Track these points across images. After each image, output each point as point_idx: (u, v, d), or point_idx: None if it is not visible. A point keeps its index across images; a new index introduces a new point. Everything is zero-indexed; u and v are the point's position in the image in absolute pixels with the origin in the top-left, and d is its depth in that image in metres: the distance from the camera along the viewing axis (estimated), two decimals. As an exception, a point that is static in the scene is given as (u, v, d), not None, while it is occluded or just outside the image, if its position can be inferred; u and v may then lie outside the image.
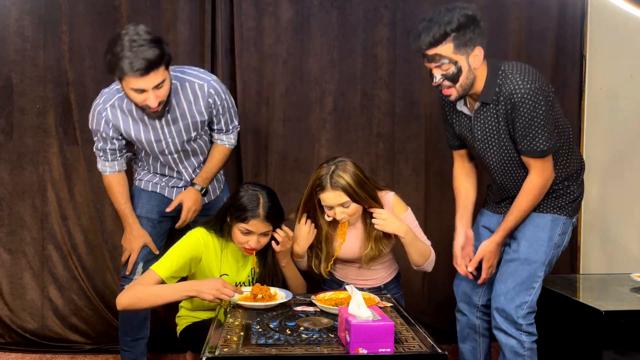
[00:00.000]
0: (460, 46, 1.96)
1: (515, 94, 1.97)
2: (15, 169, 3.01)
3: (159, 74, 2.13)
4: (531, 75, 1.99)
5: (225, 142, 2.57)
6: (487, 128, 2.10)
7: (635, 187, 2.79)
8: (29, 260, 3.04)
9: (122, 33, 2.11)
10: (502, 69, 2.03)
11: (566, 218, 2.17)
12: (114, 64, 2.10)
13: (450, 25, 1.94)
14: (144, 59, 2.06)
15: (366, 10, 3.09)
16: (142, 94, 2.14)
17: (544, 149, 2.01)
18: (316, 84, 3.10)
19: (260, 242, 2.13)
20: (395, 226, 2.19)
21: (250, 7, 3.02)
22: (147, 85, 2.12)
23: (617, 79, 2.94)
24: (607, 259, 3.02)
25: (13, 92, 2.97)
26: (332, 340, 1.66)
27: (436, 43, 1.96)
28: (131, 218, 2.48)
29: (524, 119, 1.98)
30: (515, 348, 2.08)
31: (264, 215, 2.08)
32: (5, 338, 3.04)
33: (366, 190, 2.17)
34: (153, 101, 2.15)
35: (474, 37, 1.97)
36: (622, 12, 2.82)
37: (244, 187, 2.18)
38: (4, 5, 2.94)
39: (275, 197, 2.17)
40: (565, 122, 2.16)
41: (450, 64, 1.98)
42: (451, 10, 1.96)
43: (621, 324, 2.07)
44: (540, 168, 2.05)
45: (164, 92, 2.19)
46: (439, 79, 2.02)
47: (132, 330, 2.59)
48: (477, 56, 1.99)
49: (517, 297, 2.08)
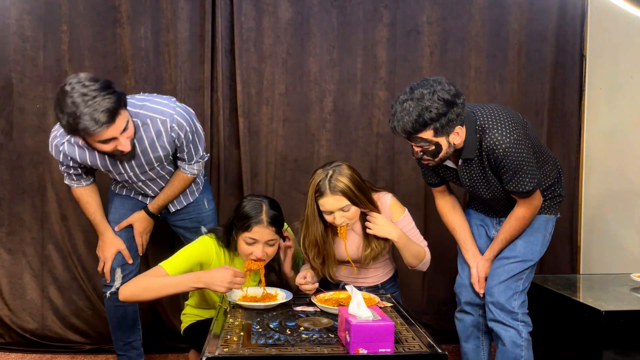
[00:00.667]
0: (440, 131, 1.96)
1: (497, 149, 2.01)
2: (15, 169, 3.01)
3: (123, 118, 2.07)
4: (507, 126, 2.02)
5: (186, 171, 2.47)
6: (474, 177, 2.16)
7: (635, 187, 2.78)
8: (29, 260, 3.04)
9: (67, 90, 1.99)
10: (478, 123, 2.05)
11: (554, 216, 2.30)
12: (74, 125, 1.99)
13: (429, 114, 1.91)
14: (104, 111, 1.98)
15: (366, 10, 3.09)
16: (110, 142, 2.09)
17: (530, 189, 2.08)
18: (316, 84, 3.09)
19: (266, 252, 2.11)
20: (387, 230, 2.19)
21: (250, 7, 3.02)
22: (116, 132, 2.06)
23: (617, 79, 2.94)
24: (607, 259, 3.02)
25: (13, 92, 2.97)
26: (332, 340, 1.66)
27: (416, 132, 1.96)
28: (102, 226, 2.47)
29: (508, 167, 2.04)
30: (514, 338, 2.15)
31: (267, 221, 2.08)
32: (5, 338, 3.04)
33: (364, 193, 2.17)
34: (125, 144, 2.10)
35: (453, 119, 1.95)
36: (622, 12, 2.82)
37: (246, 198, 2.20)
38: (4, 5, 2.93)
39: (278, 205, 2.18)
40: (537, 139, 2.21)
41: (430, 144, 2.01)
42: (431, 94, 1.92)
43: (621, 324, 2.07)
44: (529, 202, 2.15)
45: (132, 130, 2.14)
46: (419, 155, 2.06)
47: (122, 335, 2.58)
48: (457, 134, 2.00)
49: (509, 289, 2.18)
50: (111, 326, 2.58)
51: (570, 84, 3.21)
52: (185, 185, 2.52)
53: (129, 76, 2.98)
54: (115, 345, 2.61)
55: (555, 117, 3.21)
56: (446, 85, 1.95)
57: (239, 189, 3.09)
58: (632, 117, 2.83)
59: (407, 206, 2.36)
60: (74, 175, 2.39)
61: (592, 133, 3.16)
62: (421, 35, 3.11)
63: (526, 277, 2.21)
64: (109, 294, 2.49)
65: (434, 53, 3.13)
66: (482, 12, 3.13)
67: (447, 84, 1.95)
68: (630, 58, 2.85)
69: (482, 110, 2.08)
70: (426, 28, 3.11)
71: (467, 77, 3.15)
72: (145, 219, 2.52)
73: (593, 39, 3.15)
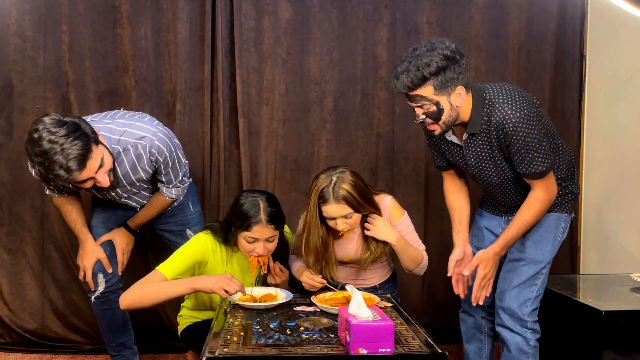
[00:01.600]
0: (440, 88, 1.93)
1: (507, 124, 1.94)
2: (15, 169, 3.01)
3: (96, 156, 2.05)
4: (518, 101, 1.96)
5: (165, 194, 2.47)
6: (480, 155, 2.07)
7: (635, 187, 2.78)
8: (29, 260, 3.04)
9: (34, 138, 1.95)
10: (487, 98, 1.99)
11: (566, 215, 2.20)
12: (45, 175, 1.99)
13: (428, 68, 1.89)
14: (73, 158, 1.96)
15: (366, 10, 3.09)
16: (87, 182, 2.08)
17: (543, 169, 1.99)
18: (316, 84, 3.09)
19: (267, 248, 2.12)
20: (385, 233, 2.19)
21: (250, 7, 3.02)
22: (90, 173, 2.04)
23: (617, 79, 2.94)
24: (607, 259, 3.02)
25: (13, 92, 2.97)
26: (332, 340, 1.66)
27: (415, 87, 1.93)
28: (82, 235, 2.46)
29: (519, 145, 1.96)
30: (521, 345, 2.10)
31: (266, 220, 2.07)
32: (5, 338, 3.04)
33: (367, 199, 2.17)
34: (104, 180, 2.09)
35: (454, 77, 1.92)
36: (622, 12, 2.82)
37: (242, 194, 2.18)
38: (4, 5, 2.94)
39: (276, 200, 2.16)
40: (552, 126, 2.15)
41: (431, 104, 1.96)
42: (430, 51, 1.91)
43: (621, 324, 2.07)
44: (545, 185, 2.04)
45: (109, 163, 2.12)
46: (421, 117, 2.01)
47: (114, 336, 2.57)
48: (459, 95, 1.96)
49: (521, 295, 2.10)
50: (102, 329, 2.57)
51: (570, 84, 3.20)
52: (164, 207, 2.52)
53: (129, 76, 2.98)
54: (108, 347, 2.60)
55: (555, 117, 3.21)
56: (447, 43, 1.93)
57: (239, 189, 3.09)
58: (632, 117, 2.83)
59: (406, 206, 2.36)
60: (54, 188, 2.39)
61: (592, 133, 3.16)
62: (421, 35, 3.11)
63: (541, 283, 2.13)
64: (94, 299, 2.48)
65: (434, 53, 3.13)
66: (482, 12, 3.13)
67: (448, 42, 1.94)
68: (630, 58, 2.85)
69: (492, 87, 2.03)
70: (426, 28, 3.11)
71: (467, 77, 3.15)
72: (125, 234, 2.53)
73: (593, 39, 3.15)
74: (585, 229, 3.20)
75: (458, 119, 2.02)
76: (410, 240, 2.27)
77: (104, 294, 2.46)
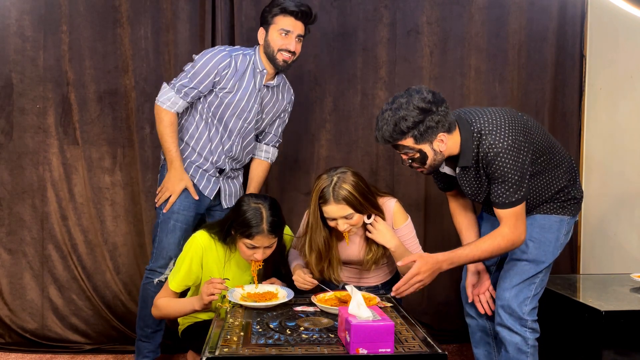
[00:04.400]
0: (420, 138, 1.96)
1: (489, 152, 1.97)
2: (15, 169, 3.01)
3: (304, 28, 2.51)
4: (504, 130, 1.98)
5: (269, 157, 2.78)
6: (473, 186, 2.11)
7: (635, 187, 2.78)
8: (29, 260, 3.04)
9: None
10: (475, 130, 2.01)
11: (570, 217, 2.20)
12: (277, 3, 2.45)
13: (405, 122, 1.92)
14: (306, 6, 2.48)
15: (366, 10, 3.09)
16: (287, 36, 2.45)
17: (512, 200, 1.99)
18: (316, 84, 3.09)
19: (265, 253, 2.15)
20: (386, 238, 2.20)
21: (250, 7, 3.01)
22: (296, 29, 2.47)
23: (617, 79, 2.94)
24: (607, 259, 3.02)
25: (13, 92, 2.97)
26: (332, 340, 1.67)
27: (395, 140, 1.98)
28: (178, 162, 2.52)
29: (495, 173, 1.98)
30: (520, 345, 2.09)
31: (268, 230, 2.09)
32: (5, 338, 3.04)
33: (368, 200, 2.17)
34: (293, 46, 2.47)
35: (432, 126, 1.94)
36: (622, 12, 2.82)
37: (245, 200, 2.18)
38: (4, 5, 2.93)
39: (278, 207, 2.18)
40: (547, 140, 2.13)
41: (414, 152, 2.00)
42: (407, 104, 1.93)
43: (621, 324, 2.07)
44: (513, 224, 2.01)
45: (299, 48, 2.51)
46: (408, 162, 2.06)
47: (154, 322, 2.60)
48: (441, 141, 1.98)
49: (521, 293, 2.10)
50: (143, 314, 2.60)
51: (570, 84, 3.20)
52: (266, 176, 2.82)
53: (129, 76, 2.98)
54: (141, 332, 2.63)
55: (555, 117, 3.21)
56: (424, 93, 1.95)
57: (239, 189, 3.09)
58: (631, 117, 2.83)
59: (406, 207, 2.36)
60: (191, 90, 2.49)
61: (592, 133, 3.16)
62: (421, 36, 3.11)
63: (539, 281, 2.13)
64: (157, 282, 2.52)
65: (434, 53, 3.13)
66: (482, 12, 3.13)
67: (426, 92, 1.95)
68: (630, 58, 2.85)
69: (481, 116, 2.04)
70: (426, 28, 3.11)
71: (467, 77, 3.15)
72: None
73: (593, 39, 3.15)
74: (585, 229, 3.20)
75: (446, 156, 2.06)
76: (410, 245, 2.27)
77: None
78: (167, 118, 2.49)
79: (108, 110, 3.00)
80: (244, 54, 2.54)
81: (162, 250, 2.53)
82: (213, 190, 2.60)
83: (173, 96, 2.49)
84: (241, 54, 2.53)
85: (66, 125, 3.01)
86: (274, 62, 2.50)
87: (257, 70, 2.53)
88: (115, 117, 3.00)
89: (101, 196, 3.02)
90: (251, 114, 2.56)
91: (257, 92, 2.54)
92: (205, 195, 2.59)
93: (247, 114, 2.55)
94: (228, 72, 2.48)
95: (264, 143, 2.76)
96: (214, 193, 2.60)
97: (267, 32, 2.49)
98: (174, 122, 2.51)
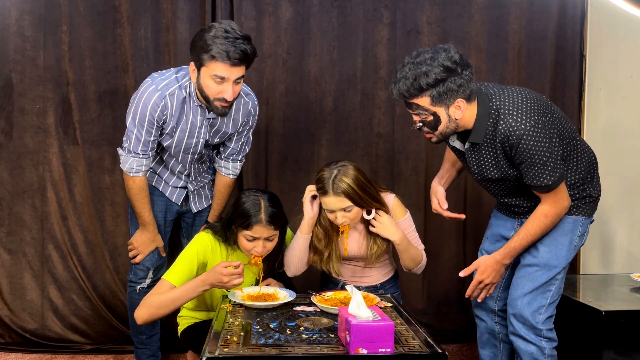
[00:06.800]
0: (437, 99, 1.86)
1: (512, 135, 1.87)
2: (15, 169, 3.01)
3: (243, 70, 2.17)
4: (525, 111, 1.88)
5: (229, 172, 2.55)
6: (483, 163, 2.00)
7: (635, 187, 2.79)
8: (29, 260, 3.04)
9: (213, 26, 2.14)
10: (494, 107, 1.91)
11: (585, 218, 2.10)
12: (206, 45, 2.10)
13: (426, 78, 1.82)
14: (242, 50, 2.10)
15: (366, 10, 3.09)
16: (222, 83, 2.14)
17: (549, 183, 1.90)
18: (316, 84, 3.09)
19: (266, 247, 2.13)
20: (390, 232, 2.19)
21: (250, 7, 3.02)
22: (242, 71, 2.16)
23: (617, 79, 2.94)
24: (607, 259, 3.02)
25: (13, 92, 2.97)
26: (332, 340, 1.67)
27: (411, 96, 1.87)
28: (152, 226, 2.48)
29: (524, 157, 1.88)
30: (535, 355, 2.03)
31: (266, 220, 2.08)
32: (5, 338, 3.04)
33: (369, 194, 2.17)
34: (230, 94, 2.17)
35: (453, 89, 1.84)
36: (622, 12, 2.82)
37: (244, 193, 2.18)
38: (4, 5, 2.93)
39: (277, 200, 2.17)
40: (568, 126, 2.04)
41: (428, 114, 1.90)
42: (432, 60, 1.83)
43: (621, 324, 2.07)
44: (553, 200, 1.95)
45: (239, 89, 2.22)
46: (418, 125, 1.96)
47: (146, 328, 2.59)
48: (458, 107, 1.89)
49: (534, 302, 2.03)
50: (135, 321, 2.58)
51: (570, 84, 3.20)
52: (229, 192, 2.58)
53: (129, 76, 2.98)
54: (137, 340, 2.63)
55: (555, 117, 3.21)
56: (452, 52, 1.84)
57: (239, 189, 3.09)
58: (631, 117, 2.84)
59: (407, 206, 2.36)
60: (150, 143, 2.32)
61: (592, 133, 3.16)
62: (421, 35, 3.11)
63: (555, 288, 2.04)
64: (139, 289, 2.52)
65: (434, 53, 3.13)
66: (482, 12, 3.13)
67: (453, 52, 1.85)
68: (630, 58, 2.85)
69: (500, 93, 1.93)
70: (426, 28, 3.11)
71: (467, 77, 3.15)
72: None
73: (593, 39, 3.15)
74: (585, 229, 3.20)
75: (459, 128, 1.96)
76: (411, 239, 2.27)
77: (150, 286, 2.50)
78: (136, 185, 2.38)
79: (108, 110, 3.00)
80: (180, 87, 2.28)
81: (140, 263, 2.53)
82: (180, 196, 2.57)
83: (135, 161, 2.34)
84: (176, 90, 2.27)
85: (66, 125, 3.01)
86: (211, 107, 2.25)
87: (196, 104, 2.31)
88: (115, 117, 3.00)
89: (101, 196, 3.01)
90: (199, 147, 2.41)
91: (202, 125, 2.35)
92: (172, 202, 2.57)
93: (194, 148, 2.41)
94: (166, 114, 2.28)
95: (224, 157, 2.54)
96: (181, 199, 2.57)
97: (199, 72, 2.18)
98: (144, 187, 2.40)
